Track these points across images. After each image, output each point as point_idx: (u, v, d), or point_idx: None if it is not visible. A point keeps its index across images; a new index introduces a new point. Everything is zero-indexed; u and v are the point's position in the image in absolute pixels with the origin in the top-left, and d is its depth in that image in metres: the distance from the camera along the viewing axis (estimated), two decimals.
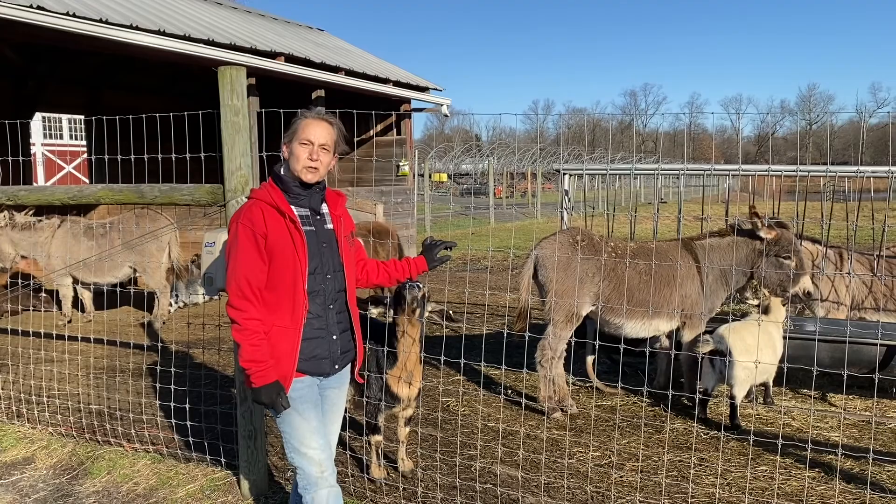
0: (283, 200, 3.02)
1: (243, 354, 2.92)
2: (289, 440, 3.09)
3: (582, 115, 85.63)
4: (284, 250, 2.98)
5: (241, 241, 2.94)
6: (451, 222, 25.17)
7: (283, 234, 2.98)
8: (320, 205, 3.17)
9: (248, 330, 2.91)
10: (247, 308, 2.92)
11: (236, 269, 2.93)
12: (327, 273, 3.11)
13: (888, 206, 6.00)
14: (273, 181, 3.10)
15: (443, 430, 5.18)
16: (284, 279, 2.98)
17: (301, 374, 3.06)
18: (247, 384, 3.03)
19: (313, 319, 3.07)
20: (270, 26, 15.33)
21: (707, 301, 5.68)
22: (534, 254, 5.76)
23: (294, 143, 3.05)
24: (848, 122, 77.03)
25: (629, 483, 4.44)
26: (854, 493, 4.28)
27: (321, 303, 3.10)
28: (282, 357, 2.99)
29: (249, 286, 2.93)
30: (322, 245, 3.11)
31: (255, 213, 2.97)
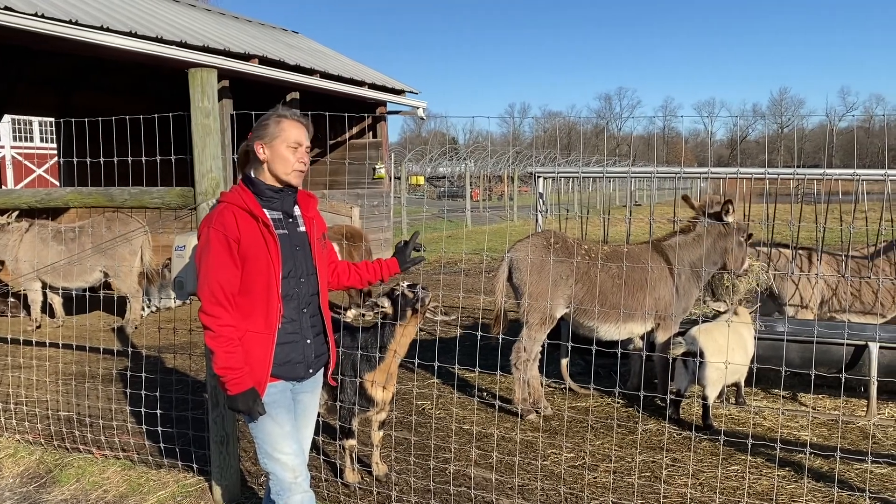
0: (256, 204, 2.97)
1: (217, 361, 2.86)
2: (262, 445, 3.05)
3: (557, 119, 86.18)
4: (258, 255, 2.93)
5: (214, 245, 2.87)
6: (428, 225, 25.16)
7: (257, 239, 2.93)
8: (293, 207, 3.13)
9: (223, 336, 2.85)
10: (220, 314, 2.86)
11: (209, 274, 2.86)
12: (301, 277, 3.07)
13: (855, 208, 6.11)
14: (244, 184, 3.04)
15: (417, 434, 5.17)
16: (258, 284, 2.94)
17: (275, 378, 3.02)
18: (223, 390, 2.98)
19: (287, 323, 3.03)
20: (244, 28, 15.23)
21: (680, 302, 5.74)
22: (508, 257, 5.78)
23: (279, 146, 2.97)
24: (818, 126, 78.28)
25: (602, 484, 4.46)
26: (823, 492, 4.34)
27: (295, 307, 3.06)
28: (256, 363, 2.94)
29: (223, 291, 2.86)
30: (295, 248, 3.07)
31: (227, 217, 2.91)
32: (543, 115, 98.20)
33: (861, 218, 6.49)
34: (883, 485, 4.48)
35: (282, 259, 2.97)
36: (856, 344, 5.66)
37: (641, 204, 32.20)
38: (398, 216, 22.73)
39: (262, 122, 3.03)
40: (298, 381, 3.16)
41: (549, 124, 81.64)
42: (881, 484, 4.50)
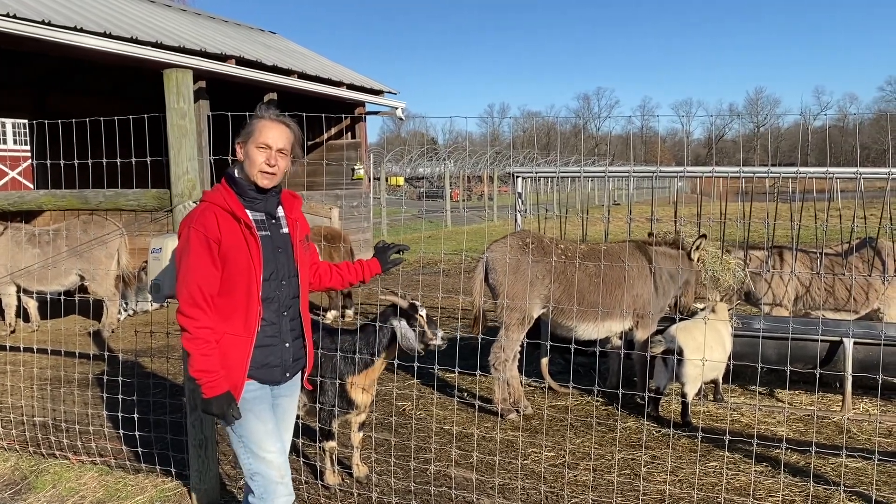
0: (238, 204, 2.92)
1: (194, 364, 2.82)
2: (246, 444, 3.00)
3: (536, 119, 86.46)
4: (238, 256, 2.88)
5: (194, 246, 2.83)
6: (408, 226, 25.13)
7: (238, 240, 2.88)
8: (276, 208, 3.07)
9: (199, 339, 2.81)
10: (198, 316, 2.82)
11: (188, 275, 2.82)
12: (282, 279, 3.02)
13: (829, 206, 6.19)
14: (227, 184, 2.98)
15: (398, 435, 5.16)
16: (238, 286, 2.89)
17: (251, 380, 2.98)
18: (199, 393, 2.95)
19: (267, 326, 2.98)
20: (221, 28, 15.13)
21: (659, 300, 5.79)
22: (484, 257, 5.78)
23: (250, 146, 2.93)
24: (794, 125, 79.32)
25: (583, 482, 4.48)
26: (799, 486, 4.40)
27: (275, 310, 3.01)
28: (233, 366, 2.90)
29: (201, 293, 2.82)
30: (277, 250, 3.02)
31: (209, 217, 2.86)
32: (522, 115, 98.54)
33: (835, 216, 6.58)
34: (858, 478, 4.55)
35: (263, 261, 2.93)
36: (831, 340, 5.74)
37: (620, 203, 32.39)
38: (378, 217, 22.69)
39: (246, 122, 3.02)
40: (275, 385, 3.11)
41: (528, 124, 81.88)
42: (856, 478, 4.56)
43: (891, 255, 6.44)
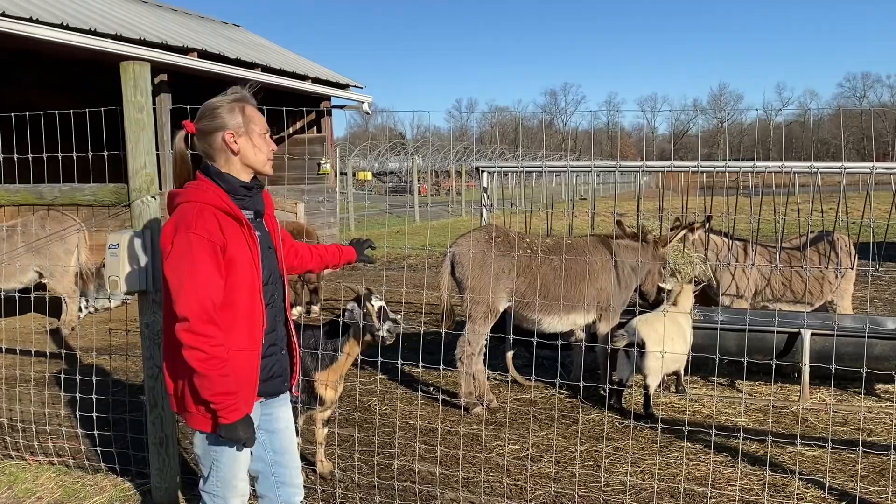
0: (234, 204, 2.66)
1: (212, 387, 2.52)
2: (220, 470, 2.79)
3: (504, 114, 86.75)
4: (243, 263, 2.64)
5: (198, 253, 2.51)
6: (375, 221, 25.06)
7: (241, 244, 2.64)
8: (263, 205, 2.88)
9: (217, 358, 2.50)
10: (213, 333, 2.50)
11: (196, 287, 2.49)
12: (276, 282, 2.87)
13: (787, 200, 6.31)
14: (213, 181, 2.69)
15: (363, 430, 5.15)
16: (242, 295, 2.64)
17: (259, 397, 2.80)
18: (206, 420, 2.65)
19: (268, 335, 2.78)
20: (183, 21, 14.90)
21: (621, 293, 5.86)
22: (450, 252, 5.79)
23: (252, 134, 2.71)
24: (756, 120, 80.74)
25: (546, 474, 4.52)
26: (758, 475, 4.48)
27: (273, 316, 2.82)
28: (244, 384, 2.65)
29: (213, 307, 2.52)
30: (269, 250, 2.85)
31: (210, 220, 2.56)
32: (490, 110, 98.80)
33: (794, 210, 6.71)
34: (815, 466, 4.65)
35: (261, 264, 2.74)
36: (789, 332, 5.85)
37: (586, 198, 32.65)
38: (345, 212, 22.58)
39: (217, 110, 2.71)
40: (276, 397, 2.94)
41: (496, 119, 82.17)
42: (813, 466, 4.67)
43: (844, 249, 6.59)
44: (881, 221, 6.10)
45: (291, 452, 3.07)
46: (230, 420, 2.58)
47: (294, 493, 3.06)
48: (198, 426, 2.71)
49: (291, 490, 3.06)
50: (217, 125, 2.69)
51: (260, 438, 2.90)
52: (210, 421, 2.65)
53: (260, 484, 3.05)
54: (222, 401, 2.55)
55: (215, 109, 2.71)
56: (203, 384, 2.53)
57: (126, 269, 3.79)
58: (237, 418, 2.59)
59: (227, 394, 2.55)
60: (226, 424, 2.59)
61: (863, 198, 6.23)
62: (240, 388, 2.61)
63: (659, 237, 6.06)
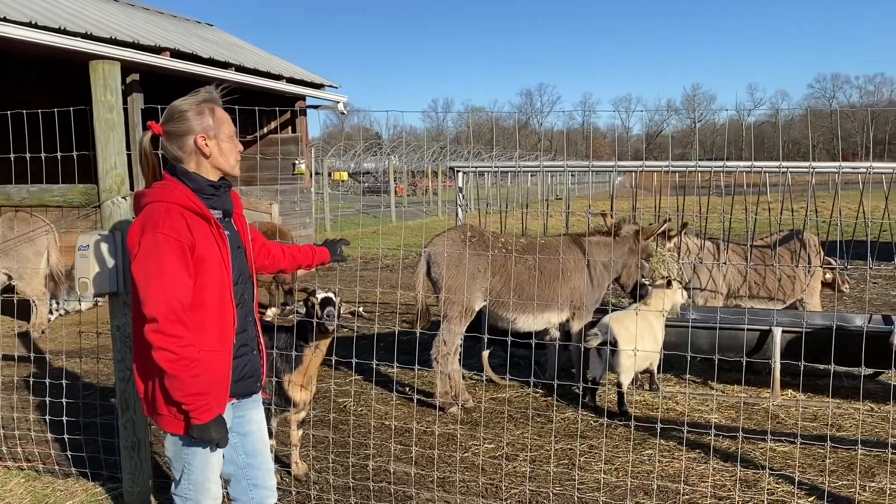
0: (202, 203, 2.65)
1: (182, 388, 2.50)
2: (192, 472, 2.77)
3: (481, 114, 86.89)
4: (212, 262, 2.63)
5: (166, 253, 2.50)
6: (351, 221, 24.96)
7: (210, 244, 2.62)
8: (231, 205, 2.87)
9: (187, 359, 2.49)
10: (182, 333, 2.49)
11: (164, 288, 2.48)
12: (246, 282, 2.85)
13: (758, 199, 6.40)
14: (180, 180, 2.67)
15: (338, 431, 5.13)
16: (211, 295, 2.63)
17: (230, 398, 2.78)
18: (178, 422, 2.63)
19: (239, 334, 2.77)
20: (155, 20, 14.74)
21: (594, 291, 5.90)
22: (426, 251, 5.79)
23: (221, 137, 2.70)
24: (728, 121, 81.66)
25: (521, 473, 4.53)
26: (730, 471, 4.53)
27: (244, 315, 2.81)
28: (215, 385, 2.64)
29: (182, 308, 2.51)
30: (238, 249, 2.83)
31: (177, 220, 2.55)
32: (467, 110, 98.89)
33: (765, 209, 6.80)
34: (786, 462, 4.72)
35: (231, 264, 2.73)
36: (760, 329, 5.93)
37: (562, 198, 32.81)
38: (320, 213, 22.47)
39: (186, 112, 2.68)
40: (248, 398, 2.93)
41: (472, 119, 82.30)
42: (784, 461, 4.73)
43: (813, 248, 6.70)
44: (849, 220, 6.21)
45: (264, 455, 3.05)
46: (203, 420, 2.56)
47: (267, 496, 3.05)
48: (169, 428, 2.69)
49: (264, 493, 3.04)
50: (187, 128, 2.67)
51: (232, 441, 2.88)
52: (182, 423, 2.63)
53: (232, 487, 3.03)
54: (194, 401, 2.53)
55: (184, 112, 2.69)
56: (174, 385, 2.52)
57: (96, 271, 3.74)
58: (210, 418, 2.58)
59: (199, 394, 2.54)
60: (198, 425, 2.57)
61: (832, 197, 6.32)
62: (211, 389, 2.60)
63: (640, 230, 6.06)
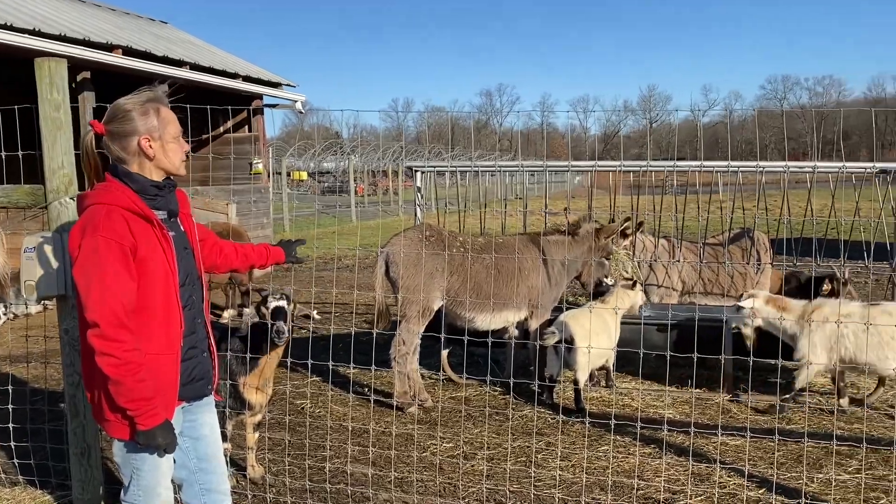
0: (145, 204, 2.59)
1: (127, 393, 2.45)
2: (141, 478, 2.72)
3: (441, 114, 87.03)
4: (156, 264, 2.57)
5: (106, 257, 2.44)
6: (311, 221, 24.77)
7: (154, 245, 2.57)
8: (177, 205, 2.81)
9: (132, 363, 2.43)
10: (125, 338, 2.44)
11: (106, 292, 2.42)
12: (194, 283, 2.80)
13: (710, 198, 6.53)
14: (122, 181, 2.61)
15: (296, 433, 5.09)
16: (156, 298, 2.58)
17: (180, 402, 2.73)
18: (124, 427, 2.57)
19: (188, 337, 2.72)
20: (107, 17, 14.43)
21: (552, 290, 5.95)
22: (384, 251, 5.78)
23: (167, 137, 2.64)
24: (684, 121, 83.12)
25: (479, 471, 4.55)
26: (684, 465, 4.62)
27: (192, 318, 2.75)
28: (162, 388, 2.59)
29: (124, 311, 2.45)
30: (184, 250, 2.77)
31: (118, 222, 2.49)
32: (427, 109, 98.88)
33: (718, 208, 6.93)
34: (737, 455, 4.82)
35: (178, 265, 2.67)
36: (713, 325, 6.03)
37: (522, 197, 33.00)
38: (279, 213, 22.25)
39: (130, 112, 2.61)
40: (199, 401, 2.88)
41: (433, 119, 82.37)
42: (736, 455, 4.83)
43: (763, 245, 6.86)
44: (797, 218, 6.37)
45: (217, 458, 3.01)
46: (148, 426, 2.52)
47: (220, 500, 3.01)
48: (116, 434, 2.64)
49: (218, 497, 3.00)
50: (131, 129, 2.62)
51: (183, 445, 2.85)
52: (128, 428, 2.58)
53: (184, 492, 2.99)
54: (139, 407, 2.49)
55: (128, 112, 2.63)
56: (118, 391, 2.47)
57: (41, 273, 3.65)
58: (155, 424, 2.53)
59: (144, 399, 2.49)
60: (144, 431, 2.53)
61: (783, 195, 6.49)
62: (157, 393, 2.55)
63: (600, 228, 6.12)
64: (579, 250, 5.99)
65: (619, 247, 6.57)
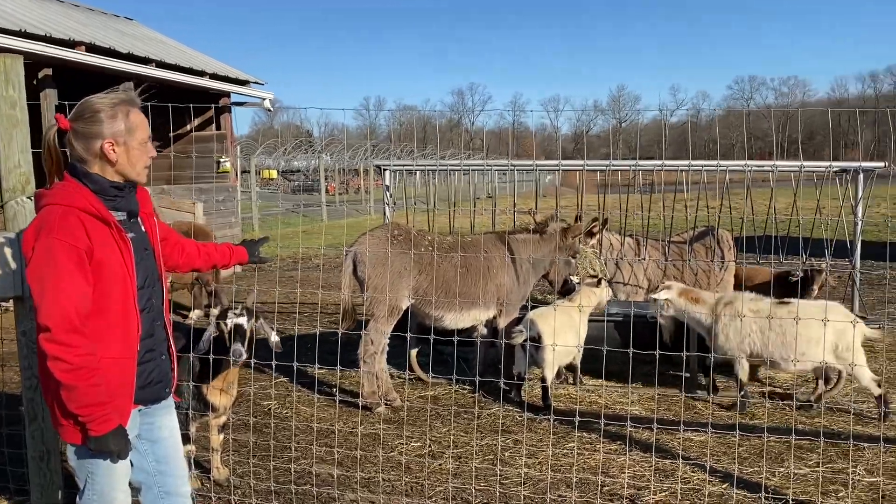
0: (102, 205, 2.52)
1: (79, 398, 2.40)
2: (96, 483, 2.66)
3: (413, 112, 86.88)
4: (114, 267, 2.51)
5: (60, 259, 2.38)
6: (281, 220, 24.58)
7: (111, 248, 2.51)
8: (137, 205, 2.73)
9: (85, 368, 2.38)
10: (78, 343, 2.37)
11: (59, 295, 2.36)
12: (153, 285, 2.75)
13: (675, 197, 6.61)
14: (79, 181, 2.55)
15: (262, 434, 5.05)
16: (113, 301, 2.52)
17: (135, 405, 2.67)
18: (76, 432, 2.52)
19: (145, 340, 2.66)
20: (70, 13, 14.17)
21: (520, 289, 5.97)
22: (352, 251, 5.75)
23: (132, 143, 2.56)
24: (652, 121, 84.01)
25: (446, 470, 4.55)
26: (649, 461, 4.66)
27: (150, 320, 2.70)
28: (117, 393, 2.53)
29: (78, 315, 2.39)
30: (144, 252, 2.71)
31: (73, 223, 2.42)
32: (398, 108, 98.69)
33: (685, 206, 7.01)
34: (701, 451, 4.87)
35: (136, 267, 2.61)
36: (679, 322, 6.11)
37: (492, 196, 33.09)
38: (248, 212, 22.05)
39: (99, 113, 2.54)
40: (154, 404, 2.82)
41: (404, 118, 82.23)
42: (700, 450, 4.89)
43: (727, 243, 6.96)
44: (760, 217, 6.47)
45: (177, 461, 2.96)
46: (100, 432, 2.46)
47: (181, 503, 2.97)
48: (69, 439, 2.59)
49: (178, 500, 2.95)
50: (97, 131, 2.54)
51: (141, 448, 2.80)
52: (80, 433, 2.53)
53: (143, 495, 2.94)
54: (91, 412, 2.43)
55: (96, 112, 2.55)
56: (70, 396, 2.41)
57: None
58: (107, 430, 2.48)
59: (96, 405, 2.44)
60: (96, 437, 2.47)
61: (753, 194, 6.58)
62: (111, 399, 2.50)
63: (567, 227, 6.15)
64: (546, 249, 6.02)
65: (586, 245, 6.61)
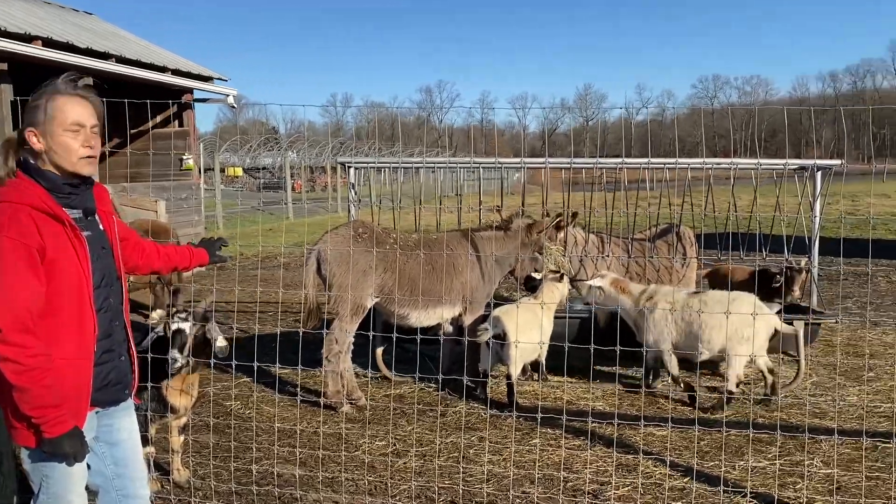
0: (54, 202, 2.46)
1: (31, 400, 2.35)
2: (51, 486, 2.60)
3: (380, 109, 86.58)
4: (67, 266, 2.45)
5: (10, 259, 2.33)
6: (246, 218, 24.34)
7: (65, 246, 2.45)
8: (93, 202, 2.67)
9: (37, 369, 2.33)
10: (30, 343, 2.33)
11: (8, 295, 2.31)
12: (111, 284, 2.68)
13: (637, 195, 6.66)
14: (33, 178, 2.48)
15: (223, 435, 4.98)
16: (67, 301, 2.47)
17: (91, 407, 2.61)
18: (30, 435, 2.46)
19: (102, 340, 2.60)
20: (26, 7, 13.84)
21: (486, 286, 5.98)
22: (316, 249, 5.71)
23: (55, 130, 2.46)
24: (618, 120, 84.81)
25: (410, 469, 4.54)
26: (612, 456, 4.70)
27: (108, 321, 2.64)
28: (72, 395, 2.48)
29: (30, 315, 2.34)
30: (101, 250, 2.64)
31: (24, 221, 2.37)
32: (366, 105, 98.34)
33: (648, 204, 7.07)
34: (663, 446, 4.93)
35: (92, 266, 2.55)
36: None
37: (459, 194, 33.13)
38: (212, 210, 21.77)
39: (33, 101, 2.50)
40: (112, 406, 2.76)
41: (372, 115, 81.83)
42: (662, 445, 4.95)
43: (689, 240, 7.04)
44: (722, 214, 6.56)
45: (136, 463, 2.91)
46: (55, 434, 2.41)
47: None
48: (22, 442, 2.53)
49: (136, 503, 2.90)
50: (26, 121, 2.51)
51: (98, 451, 2.75)
52: (34, 436, 2.47)
53: (101, 498, 2.88)
54: (44, 414, 2.38)
55: (31, 102, 2.51)
56: (22, 398, 2.35)
57: None
58: (62, 432, 2.42)
59: (50, 407, 2.39)
60: (50, 439, 2.42)
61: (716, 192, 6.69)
62: (65, 401, 2.44)
63: (532, 223, 6.17)
64: (511, 246, 6.04)
65: (553, 241, 6.64)
